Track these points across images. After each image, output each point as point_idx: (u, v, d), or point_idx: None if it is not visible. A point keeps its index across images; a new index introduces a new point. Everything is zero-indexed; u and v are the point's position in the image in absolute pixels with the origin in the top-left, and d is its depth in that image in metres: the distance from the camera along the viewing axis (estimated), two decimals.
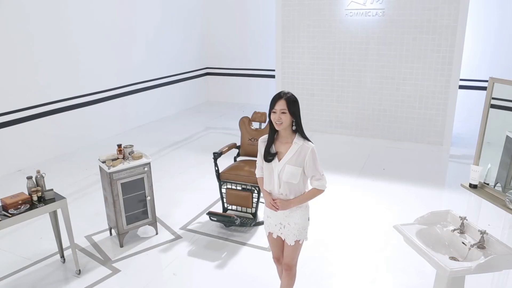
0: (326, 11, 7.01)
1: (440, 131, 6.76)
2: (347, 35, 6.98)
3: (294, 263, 2.78)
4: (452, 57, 6.32)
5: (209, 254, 3.92)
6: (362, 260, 3.80)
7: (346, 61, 7.13)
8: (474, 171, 2.81)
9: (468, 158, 6.30)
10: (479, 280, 3.18)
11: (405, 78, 6.77)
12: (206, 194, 5.17)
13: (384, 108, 7.07)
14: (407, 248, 3.86)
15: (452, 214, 2.93)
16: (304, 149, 2.52)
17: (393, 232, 4.19)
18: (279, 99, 2.49)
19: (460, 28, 6.16)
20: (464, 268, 2.38)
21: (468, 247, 2.63)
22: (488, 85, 2.79)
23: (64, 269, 3.72)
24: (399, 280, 3.51)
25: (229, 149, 4.67)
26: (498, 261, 2.42)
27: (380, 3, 6.57)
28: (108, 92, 7.45)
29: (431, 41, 6.39)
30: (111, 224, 4.12)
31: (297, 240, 2.68)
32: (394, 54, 6.73)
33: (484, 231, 2.59)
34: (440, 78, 6.49)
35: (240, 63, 10.08)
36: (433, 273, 3.35)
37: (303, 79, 7.56)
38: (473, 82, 7.87)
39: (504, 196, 2.65)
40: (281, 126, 2.50)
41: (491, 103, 2.89)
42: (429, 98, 6.69)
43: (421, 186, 5.37)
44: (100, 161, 3.91)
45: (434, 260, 2.47)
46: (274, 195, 2.64)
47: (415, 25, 6.43)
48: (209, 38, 10.20)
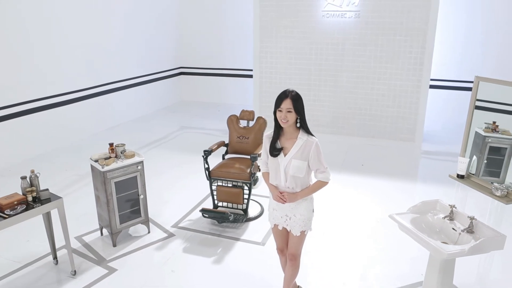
0: (303, 12, 7.20)
1: (412, 128, 7.11)
2: (323, 36, 7.20)
3: (298, 253, 2.90)
4: (423, 58, 6.67)
5: (204, 251, 3.97)
6: (352, 250, 3.98)
7: (322, 61, 7.35)
8: (461, 163, 3.04)
9: (438, 154, 6.68)
10: (466, 263, 3.43)
11: (379, 78, 7.06)
12: (194, 193, 5.21)
13: (360, 107, 7.35)
14: (395, 237, 4.13)
15: (440, 203, 3.16)
16: (308, 144, 2.65)
17: (379, 223, 4.45)
18: (285, 98, 2.60)
19: (430, 30, 6.51)
20: (459, 251, 2.59)
21: (459, 232, 2.85)
22: (474, 84, 3.03)
23: (57, 271, 3.66)
24: (391, 268, 3.70)
25: (218, 147, 4.74)
26: (487, 243, 2.65)
27: (355, 5, 6.82)
28: (82, 92, 7.29)
29: (403, 42, 6.72)
30: (103, 223, 4.09)
31: (302, 231, 2.80)
32: (369, 55, 7.01)
33: (473, 217, 2.82)
34: (412, 78, 6.83)
35: (215, 63, 10.13)
36: (422, 260, 3.59)
37: (281, 78, 7.72)
38: (443, 82, 8.33)
39: (489, 185, 2.89)
40: (287, 124, 2.61)
41: (476, 103, 3.12)
42: (401, 97, 7.02)
43: (398, 179, 5.65)
44: (93, 160, 3.88)
45: (431, 245, 2.67)
46: (280, 189, 2.75)
47: (389, 27, 6.74)
48: (184, 37, 10.17)
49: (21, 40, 6.06)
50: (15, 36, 5.96)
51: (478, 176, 3.70)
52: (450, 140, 7.27)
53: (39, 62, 6.38)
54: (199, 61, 10.29)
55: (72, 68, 7.02)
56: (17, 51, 6.03)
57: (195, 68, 10.37)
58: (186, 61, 10.40)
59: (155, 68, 9.43)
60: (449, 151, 6.71)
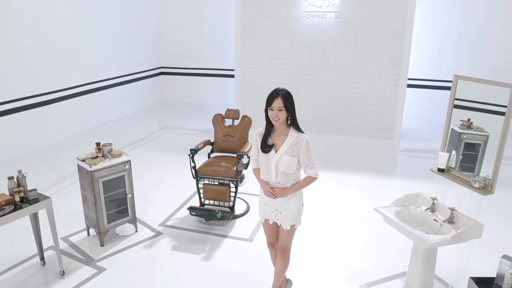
0: (284, 13, 7.30)
1: (390, 126, 7.31)
2: (304, 36, 7.32)
3: (289, 246, 2.98)
4: (401, 57, 6.87)
5: (193, 248, 4.01)
6: (338, 243, 4.10)
7: (303, 61, 7.47)
8: (442, 157, 3.19)
9: (416, 151, 6.91)
10: (447, 253, 3.59)
11: (359, 77, 7.23)
12: (179, 192, 5.23)
13: (340, 106, 7.50)
14: (378, 231, 4.28)
15: (422, 196, 3.30)
16: (299, 141, 2.74)
17: (363, 217, 4.59)
18: (276, 96, 2.68)
19: (407, 31, 6.72)
20: (441, 240, 2.73)
21: (440, 223, 3.00)
22: (453, 81, 3.18)
23: (45, 272, 3.63)
24: (375, 260, 3.84)
25: (204, 145, 4.78)
26: (467, 232, 2.80)
27: (335, 6, 6.97)
28: (62, 92, 7.19)
29: (382, 42, 6.91)
30: (90, 223, 4.07)
31: (292, 225, 2.88)
32: (348, 55, 7.17)
33: (453, 208, 2.98)
34: (390, 77, 7.03)
35: (196, 63, 10.13)
36: (404, 252, 3.74)
37: (262, 78, 7.80)
38: (420, 81, 8.61)
39: (468, 178, 3.05)
40: (278, 122, 2.69)
41: (455, 103, 3.28)
42: (380, 96, 7.21)
43: (378, 176, 5.83)
44: (79, 159, 3.86)
45: (415, 235, 2.80)
46: (271, 184, 2.82)
47: (368, 27, 6.92)
48: (164, 37, 10.14)
49: (13, 40, 5.96)
50: (8, 35, 5.86)
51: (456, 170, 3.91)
52: (427, 138, 7.53)
53: (19, 62, 6.26)
54: (179, 61, 10.27)
55: (52, 68, 6.92)
56: (9, 50, 5.93)
57: (175, 68, 10.35)
58: (166, 61, 10.36)
59: (135, 68, 9.37)
60: (426, 149, 6.94)
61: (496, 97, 3.07)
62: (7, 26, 6.00)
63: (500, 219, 4.61)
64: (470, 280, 2.49)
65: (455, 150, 4.23)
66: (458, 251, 3.29)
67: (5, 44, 6.00)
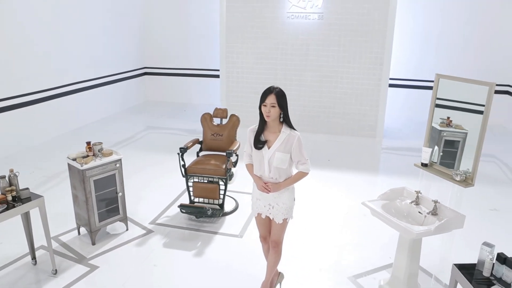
0: (269, 14, 7.42)
1: (373, 125, 7.51)
2: (289, 37, 7.45)
3: (281, 240, 3.08)
4: (383, 58, 7.08)
5: (184, 245, 4.07)
6: (326, 238, 4.22)
7: (288, 61, 7.60)
8: (425, 152, 3.35)
9: (398, 149, 7.11)
10: (430, 245, 3.75)
11: (342, 77, 7.41)
12: (168, 190, 5.27)
13: (324, 105, 7.66)
14: (364, 226, 4.43)
15: (407, 189, 3.45)
16: (291, 138, 2.84)
17: (349, 213, 4.73)
18: (269, 93, 2.78)
19: (388, 32, 6.93)
20: (426, 230, 2.88)
21: (424, 215, 3.15)
22: (435, 80, 3.33)
23: (37, 271, 3.64)
24: (362, 253, 3.98)
25: (193, 144, 4.84)
26: (449, 223, 2.95)
27: (318, 7, 7.13)
28: (44, 92, 7.10)
29: (364, 43, 7.10)
30: (80, 222, 4.08)
31: (284, 219, 2.98)
32: (332, 55, 7.34)
33: (436, 200, 3.13)
34: (373, 77, 7.23)
35: (181, 63, 10.14)
36: (390, 245, 3.89)
37: (248, 78, 7.89)
38: (402, 81, 8.86)
39: (450, 171, 3.21)
40: (270, 118, 2.79)
41: (436, 98, 3.43)
42: (363, 95, 7.40)
43: (363, 173, 6.00)
44: (70, 159, 3.87)
45: (401, 226, 2.94)
46: (264, 179, 2.92)
47: (351, 28, 7.09)
48: (148, 37, 10.11)
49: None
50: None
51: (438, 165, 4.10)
52: (410, 136, 7.75)
53: (1, 63, 6.18)
54: (164, 61, 10.26)
55: (34, 68, 6.84)
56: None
57: (159, 68, 10.34)
58: (150, 61, 10.34)
59: (118, 68, 9.32)
60: (408, 147, 7.15)
61: (474, 96, 3.24)
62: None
63: (480, 211, 4.83)
64: (454, 267, 2.64)
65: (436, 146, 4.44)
66: (441, 241, 3.45)
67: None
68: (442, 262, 3.52)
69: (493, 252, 2.51)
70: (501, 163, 6.51)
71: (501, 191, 5.45)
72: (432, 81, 3.38)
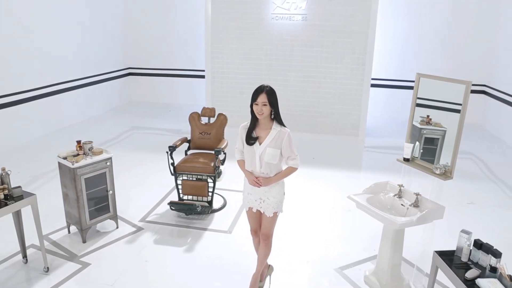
0: (254, 15, 7.53)
1: (356, 124, 7.70)
2: (273, 38, 7.58)
3: (271, 233, 3.19)
4: (365, 58, 7.28)
5: (174, 241, 4.15)
6: (313, 232, 4.36)
7: (272, 61, 7.73)
8: (407, 148, 3.52)
9: (380, 147, 7.32)
10: (412, 237, 3.92)
11: (325, 77, 7.58)
12: (157, 189, 5.33)
13: (308, 105, 7.82)
14: (350, 220, 4.59)
15: (390, 183, 3.61)
16: (281, 134, 2.96)
17: (335, 207, 4.89)
18: (260, 92, 2.89)
19: (370, 33, 7.13)
20: (408, 221, 3.04)
21: (407, 207, 3.31)
22: (415, 79, 3.51)
23: (28, 269, 3.66)
24: (348, 246, 4.13)
25: (181, 142, 4.91)
26: (430, 214, 3.12)
27: (302, 9, 7.28)
28: (27, 93, 7.05)
29: (347, 44, 7.28)
30: (71, 221, 4.11)
31: (275, 212, 3.10)
32: (315, 56, 7.50)
33: (418, 193, 3.30)
34: (356, 77, 7.42)
35: (165, 63, 10.17)
36: (374, 238, 4.05)
37: (233, 78, 7.99)
38: (384, 81, 9.11)
39: (430, 165, 3.39)
40: (262, 116, 2.91)
41: (417, 97, 3.60)
42: (346, 95, 7.58)
43: (347, 170, 6.18)
44: (61, 157, 3.90)
45: (385, 217, 3.09)
46: (255, 174, 3.03)
47: (334, 30, 7.27)
48: (132, 37, 10.10)
49: None
50: None
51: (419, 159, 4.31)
52: (392, 135, 7.99)
53: None
54: (148, 62, 10.27)
55: (17, 69, 6.79)
56: None
57: (144, 68, 10.34)
58: (134, 62, 10.33)
59: (102, 68, 9.29)
60: (390, 145, 7.37)
61: (453, 95, 3.42)
62: None
63: (459, 205, 5.05)
64: (435, 253, 2.80)
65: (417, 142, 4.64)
66: (423, 232, 3.63)
67: None
68: (423, 253, 3.70)
69: (471, 239, 2.68)
70: (478, 159, 6.79)
71: (478, 186, 5.69)
72: (413, 81, 3.55)
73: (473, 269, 2.54)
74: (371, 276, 3.55)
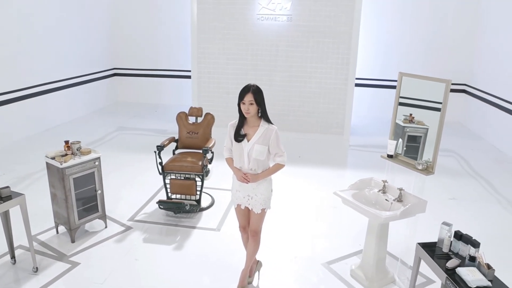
0: (239, 15, 7.60)
1: (340, 123, 7.83)
2: (259, 38, 7.66)
3: (259, 229, 3.26)
4: (349, 58, 7.41)
5: (163, 239, 4.19)
6: (301, 228, 4.45)
7: (258, 61, 7.81)
8: (390, 144, 3.63)
9: (365, 146, 7.47)
10: (396, 231, 4.04)
11: (311, 76, 7.69)
12: (145, 188, 5.36)
13: (293, 104, 7.92)
14: (336, 216, 4.69)
15: (375, 180, 3.72)
16: (269, 131, 3.04)
17: (322, 204, 4.99)
18: (247, 92, 2.97)
19: (354, 33, 7.26)
20: (392, 215, 3.14)
21: (391, 202, 3.42)
22: (398, 78, 3.62)
23: (16, 270, 3.65)
24: (334, 241, 4.23)
25: (169, 142, 4.95)
26: (413, 208, 3.23)
27: (287, 10, 7.38)
28: (12, 94, 6.98)
29: (331, 44, 7.40)
30: (59, 221, 4.11)
31: (263, 209, 3.17)
32: (300, 56, 7.60)
33: (401, 188, 3.41)
34: (340, 76, 7.55)
35: (151, 64, 10.15)
36: (360, 233, 4.16)
37: (219, 78, 8.04)
38: (369, 80, 9.27)
39: (413, 161, 3.51)
40: (249, 115, 2.98)
41: (400, 96, 3.72)
42: (331, 94, 7.71)
43: (332, 167, 6.30)
44: (49, 157, 3.90)
45: (370, 212, 3.19)
46: (244, 171, 3.10)
47: (318, 30, 7.38)
48: (117, 38, 10.06)
49: None
50: None
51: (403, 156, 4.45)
52: (376, 133, 8.14)
53: None
54: (134, 62, 10.24)
55: (3, 69, 6.71)
56: None
57: (129, 69, 10.30)
58: (120, 62, 10.28)
59: (87, 69, 9.23)
60: (375, 144, 7.51)
61: (434, 94, 3.55)
62: None
63: (441, 200, 5.21)
64: (417, 245, 2.91)
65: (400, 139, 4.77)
66: (406, 227, 3.75)
67: None
68: (407, 247, 3.82)
69: (451, 230, 2.80)
70: (459, 157, 6.98)
71: (459, 182, 5.87)
72: (397, 80, 3.68)
73: (453, 259, 2.66)
74: (357, 270, 3.65)
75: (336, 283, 3.58)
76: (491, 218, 4.84)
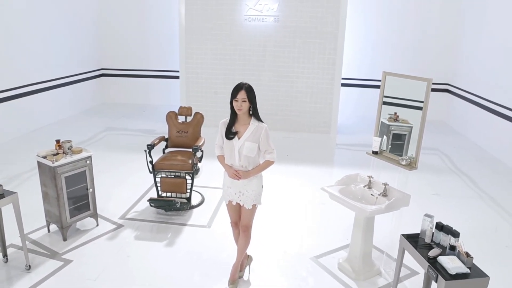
0: (227, 16, 7.69)
1: (327, 122, 7.98)
2: (246, 38, 7.76)
3: (250, 224, 3.36)
4: (335, 58, 7.56)
5: (155, 237, 4.25)
6: (290, 224, 4.56)
7: (246, 61, 7.91)
8: (375, 141, 3.76)
9: (351, 145, 7.62)
10: (382, 226, 4.18)
11: (298, 76, 7.82)
12: (135, 187, 5.41)
13: (281, 103, 8.04)
14: (324, 212, 4.81)
15: (360, 175, 3.85)
16: (259, 129, 3.14)
17: (310, 201, 5.11)
18: (240, 89, 3.06)
19: (340, 34, 7.42)
20: (377, 208, 3.27)
21: (376, 197, 3.55)
22: (382, 78, 3.76)
23: (9, 268, 3.67)
24: (322, 236, 4.35)
25: (159, 141, 5.01)
26: (397, 202, 3.36)
27: (274, 11, 7.50)
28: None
29: (318, 44, 7.55)
30: (51, 219, 4.15)
31: (253, 204, 3.27)
32: (287, 56, 7.73)
33: (386, 183, 3.54)
34: (326, 76, 7.70)
35: (139, 64, 10.16)
36: (347, 229, 4.28)
37: (207, 78, 8.11)
38: (355, 80, 9.45)
39: (397, 157, 3.65)
40: (241, 111, 3.08)
41: (383, 96, 3.85)
42: (318, 94, 7.85)
43: (319, 165, 6.43)
44: (40, 156, 3.93)
45: (356, 206, 3.32)
46: (235, 167, 3.19)
47: (305, 31, 7.52)
48: (104, 38, 10.04)
49: None
50: None
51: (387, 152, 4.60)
52: (362, 132, 8.30)
53: None
54: (121, 62, 10.23)
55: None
56: None
57: (117, 69, 10.30)
58: (107, 62, 10.27)
59: (74, 69, 9.20)
60: (361, 143, 7.66)
61: (417, 93, 3.69)
62: None
63: (424, 195, 5.37)
64: (401, 237, 3.05)
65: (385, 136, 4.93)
66: (391, 221, 3.88)
67: None
68: (392, 241, 3.95)
69: (433, 221, 2.94)
70: (443, 154, 7.18)
71: (442, 178, 6.05)
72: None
73: (435, 249, 2.79)
74: (344, 263, 3.77)
75: (324, 276, 3.70)
76: (472, 212, 5.02)
